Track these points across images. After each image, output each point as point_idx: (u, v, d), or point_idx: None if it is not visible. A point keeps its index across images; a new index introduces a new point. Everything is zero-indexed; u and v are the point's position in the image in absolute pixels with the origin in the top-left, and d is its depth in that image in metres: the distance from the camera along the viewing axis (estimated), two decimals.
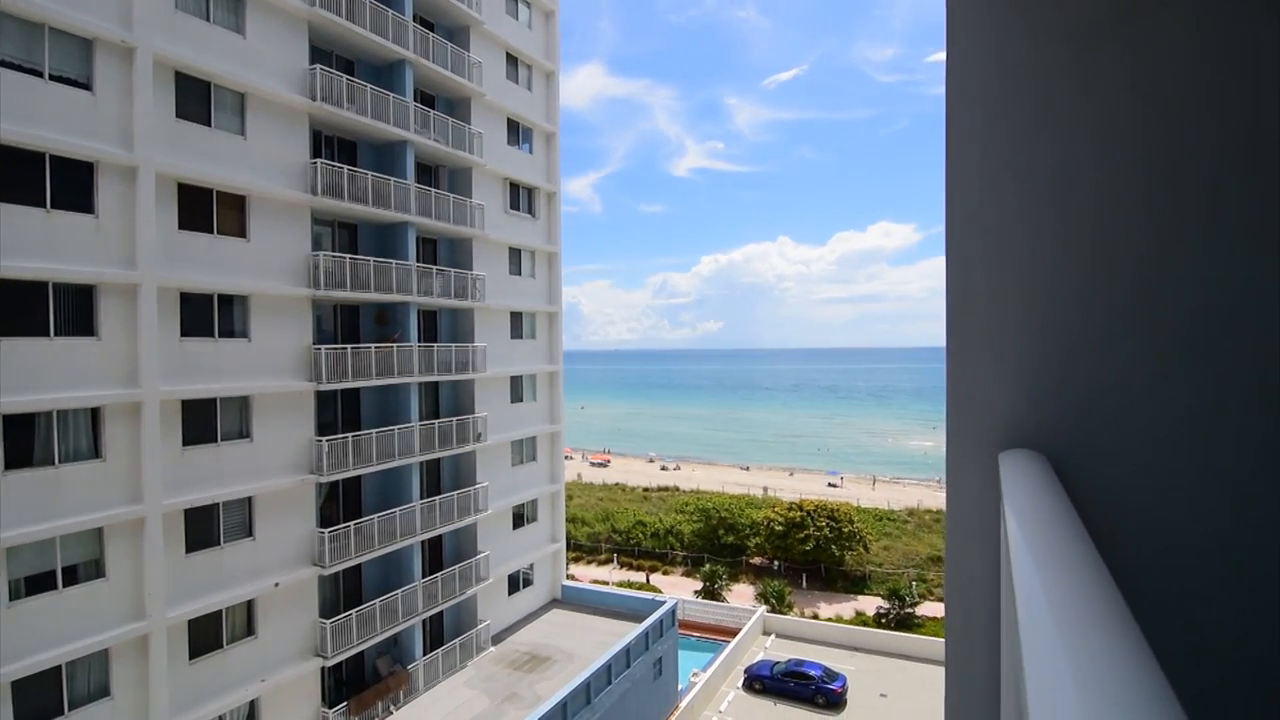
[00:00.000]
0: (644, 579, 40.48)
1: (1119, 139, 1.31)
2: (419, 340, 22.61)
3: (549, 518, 29.50)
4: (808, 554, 38.56)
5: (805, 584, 38.74)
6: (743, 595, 37.64)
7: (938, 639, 29.99)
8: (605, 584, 36.42)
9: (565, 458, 32.68)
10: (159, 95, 15.31)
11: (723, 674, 27.99)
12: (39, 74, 13.54)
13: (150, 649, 15.05)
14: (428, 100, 24.00)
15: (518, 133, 27.58)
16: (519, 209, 27.59)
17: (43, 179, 13.58)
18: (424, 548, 22.88)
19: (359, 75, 21.24)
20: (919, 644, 30.34)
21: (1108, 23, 1.31)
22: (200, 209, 16.33)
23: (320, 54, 19.92)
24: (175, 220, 15.75)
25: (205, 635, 16.42)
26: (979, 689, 1.46)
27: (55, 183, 13.77)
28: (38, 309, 13.57)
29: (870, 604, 35.97)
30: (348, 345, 19.70)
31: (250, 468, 17.22)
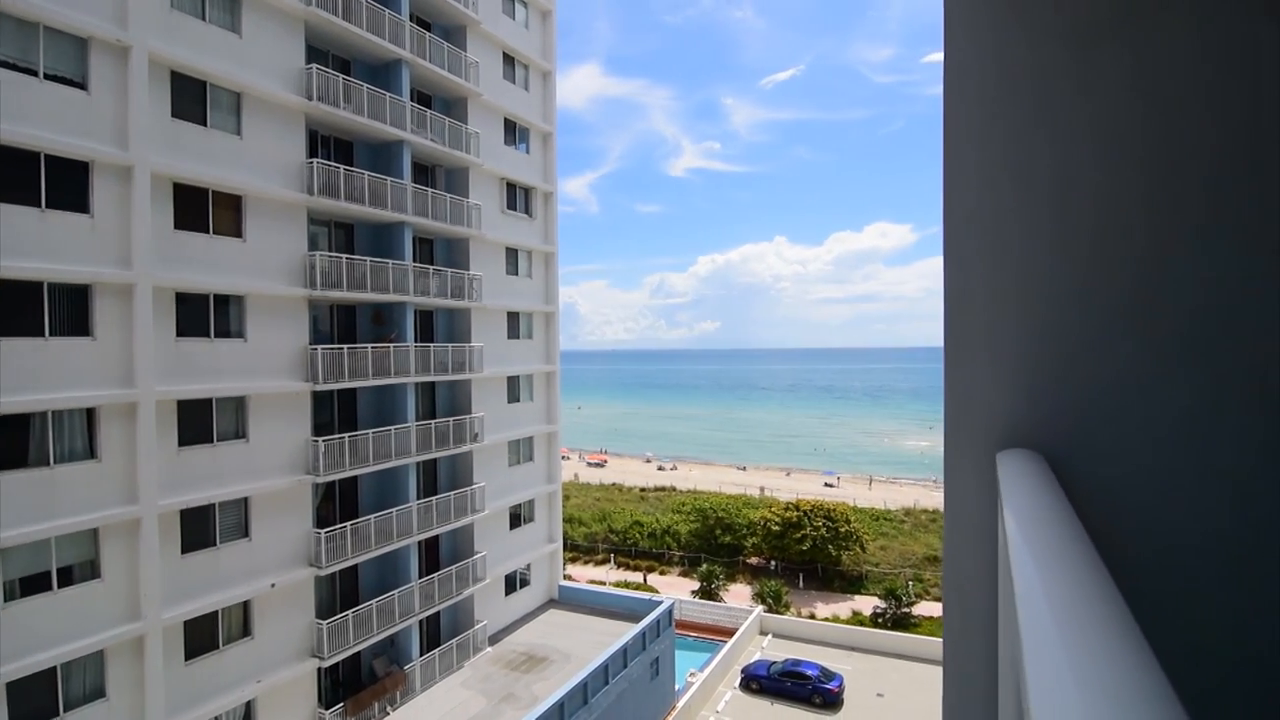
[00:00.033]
0: (641, 579, 40.47)
1: (1117, 139, 1.31)
2: (415, 340, 22.57)
3: (546, 518, 29.48)
4: (804, 554, 38.61)
5: (802, 584, 38.79)
6: (740, 595, 37.67)
7: (934, 638, 30.06)
8: (602, 584, 36.42)
9: (562, 458, 32.66)
10: (154, 95, 15.27)
11: (720, 674, 28.01)
12: (34, 73, 13.49)
13: (146, 650, 15.01)
14: (424, 100, 23.97)
15: (514, 133, 27.56)
16: (516, 209, 27.56)
17: (38, 178, 13.53)
18: (421, 548, 22.87)
19: (355, 75, 21.21)
20: (915, 644, 30.41)
21: (1106, 23, 1.31)
22: (196, 209, 16.29)
23: (316, 53, 19.88)
24: (171, 220, 15.71)
25: (201, 636, 16.38)
26: (977, 688, 1.47)
27: (50, 182, 13.73)
28: (33, 309, 13.52)
29: (867, 604, 36.04)
30: (344, 345, 19.67)
31: (246, 468, 17.17)
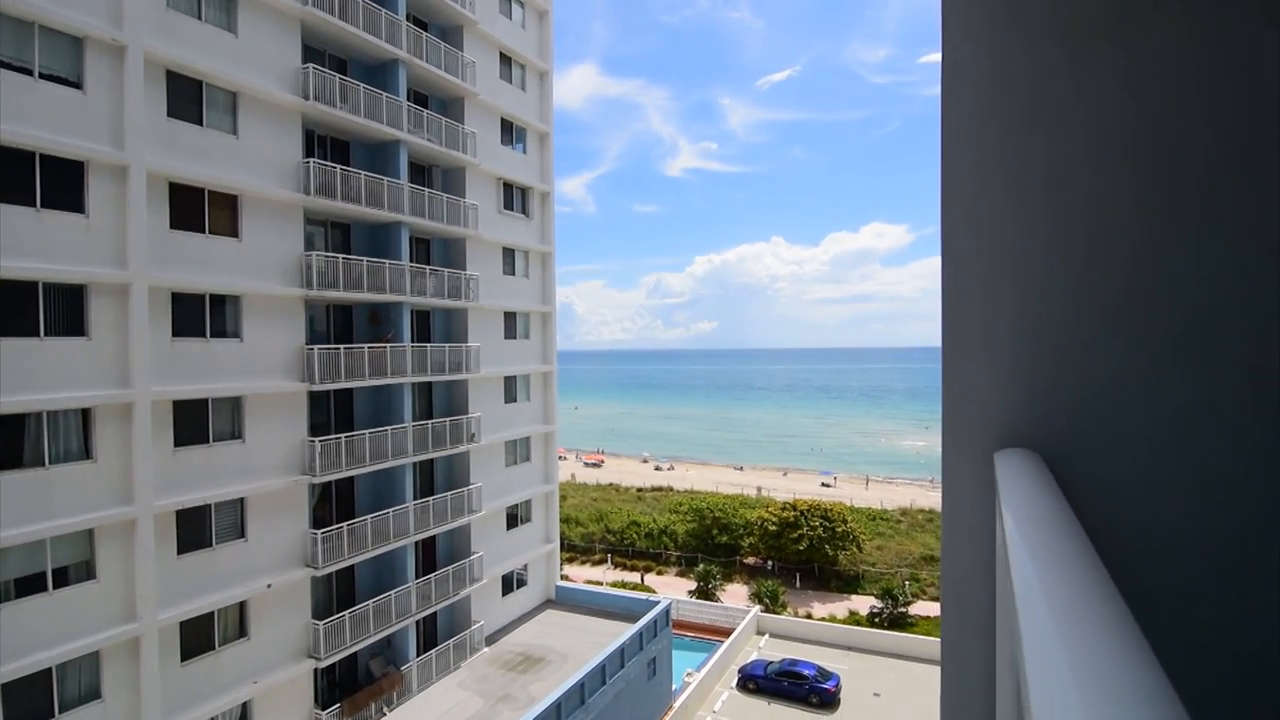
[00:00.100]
0: (638, 579, 40.47)
1: (1112, 139, 1.31)
2: (412, 340, 22.53)
3: (543, 518, 29.45)
4: (801, 554, 38.65)
5: (799, 584, 38.83)
6: (737, 595, 37.69)
7: (931, 638, 30.11)
8: (599, 584, 36.39)
9: (559, 458, 32.64)
10: (150, 94, 15.22)
11: (717, 674, 28.03)
12: (29, 72, 13.43)
13: (141, 651, 14.95)
14: (421, 100, 23.93)
15: (511, 133, 27.53)
16: (512, 209, 27.53)
17: (33, 178, 13.48)
18: (417, 548, 22.83)
19: (352, 74, 21.16)
20: (912, 643, 30.46)
21: (1101, 24, 1.32)
22: (192, 208, 16.23)
23: (313, 53, 19.84)
24: (166, 220, 15.65)
25: (197, 637, 16.32)
26: (974, 687, 1.47)
27: (45, 182, 13.67)
28: (28, 309, 13.47)
29: (864, 603, 36.08)
30: (341, 345, 19.63)
31: (242, 469, 17.13)
